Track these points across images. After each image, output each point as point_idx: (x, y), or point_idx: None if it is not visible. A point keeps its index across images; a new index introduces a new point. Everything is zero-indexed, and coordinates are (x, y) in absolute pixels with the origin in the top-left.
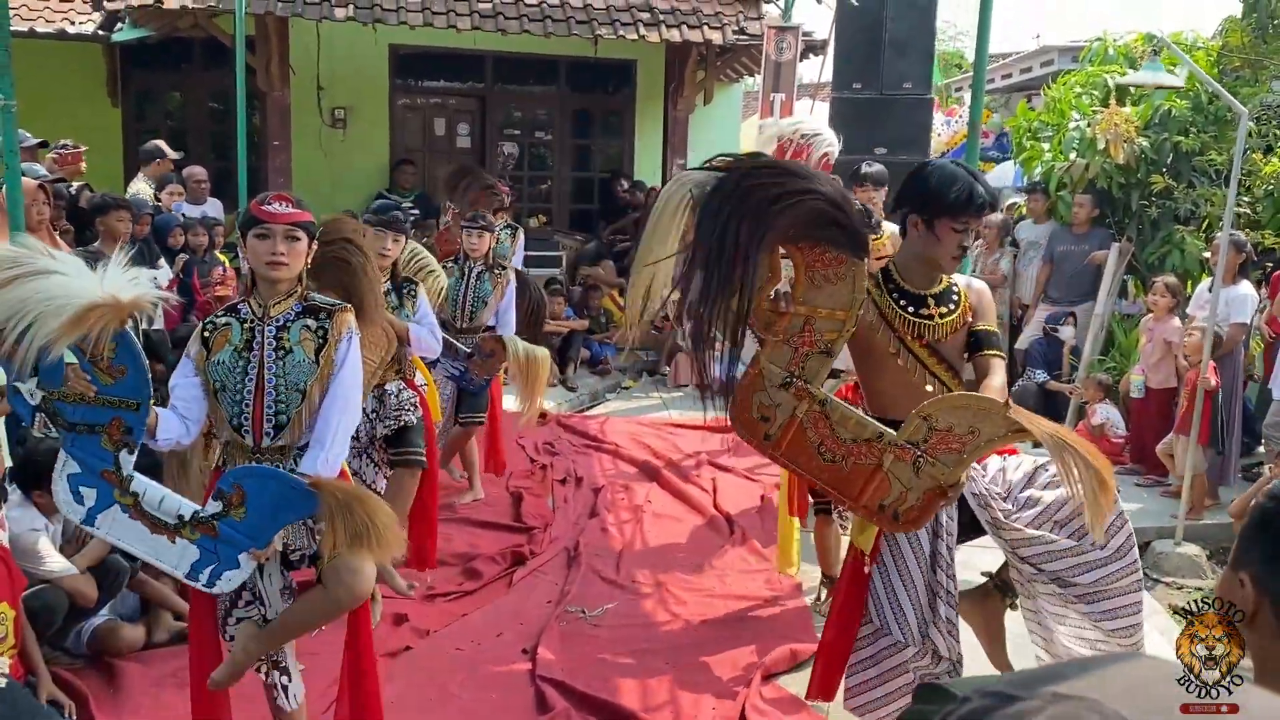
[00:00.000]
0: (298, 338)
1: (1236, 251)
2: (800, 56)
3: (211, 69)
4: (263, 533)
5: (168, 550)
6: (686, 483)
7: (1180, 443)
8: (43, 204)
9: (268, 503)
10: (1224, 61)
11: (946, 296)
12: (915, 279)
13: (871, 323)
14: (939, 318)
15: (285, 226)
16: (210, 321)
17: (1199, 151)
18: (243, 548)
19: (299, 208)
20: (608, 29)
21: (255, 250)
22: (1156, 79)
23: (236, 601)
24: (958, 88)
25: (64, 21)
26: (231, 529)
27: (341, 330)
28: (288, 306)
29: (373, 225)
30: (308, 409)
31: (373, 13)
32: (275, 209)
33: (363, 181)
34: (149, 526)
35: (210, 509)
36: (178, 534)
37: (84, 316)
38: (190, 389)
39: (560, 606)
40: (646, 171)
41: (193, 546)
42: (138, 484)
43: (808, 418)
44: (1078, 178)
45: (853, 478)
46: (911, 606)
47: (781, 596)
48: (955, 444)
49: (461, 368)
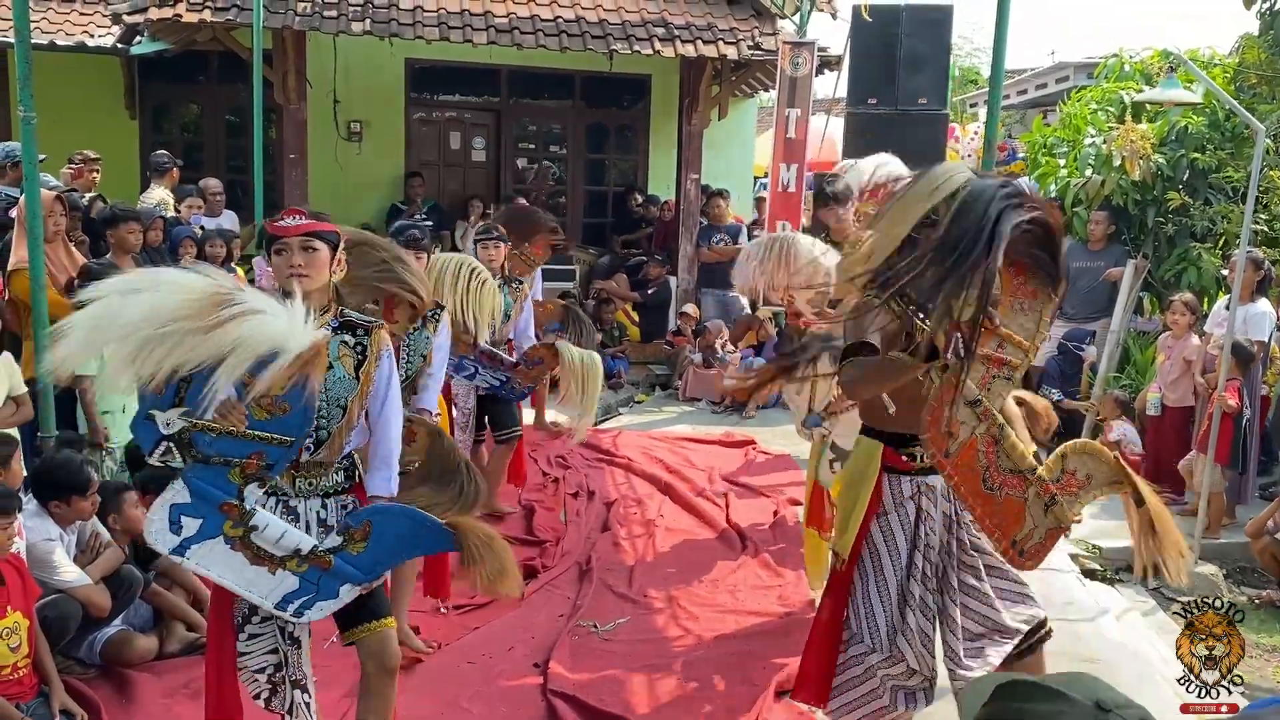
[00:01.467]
0: (336, 354)
1: (1254, 269)
2: (815, 72)
3: (228, 82)
4: (378, 567)
5: (263, 581)
6: (699, 497)
7: (1200, 461)
8: (60, 215)
9: (391, 540)
10: (1241, 78)
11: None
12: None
13: (897, 335)
14: None
15: (299, 238)
16: None
17: (1216, 168)
18: (352, 581)
19: (314, 219)
20: (623, 44)
21: (276, 267)
22: (1173, 95)
23: (250, 617)
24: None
25: (84, 35)
26: (346, 563)
27: (379, 348)
28: (324, 323)
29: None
30: (347, 425)
31: (389, 27)
32: (287, 223)
33: (378, 194)
34: (250, 558)
35: (330, 543)
36: (282, 566)
37: (294, 365)
38: None
39: (572, 620)
40: (660, 186)
41: (293, 578)
42: (259, 518)
43: (983, 440)
44: (1093, 194)
45: (1003, 510)
46: (883, 612)
47: (794, 613)
48: (1075, 487)
49: (504, 377)
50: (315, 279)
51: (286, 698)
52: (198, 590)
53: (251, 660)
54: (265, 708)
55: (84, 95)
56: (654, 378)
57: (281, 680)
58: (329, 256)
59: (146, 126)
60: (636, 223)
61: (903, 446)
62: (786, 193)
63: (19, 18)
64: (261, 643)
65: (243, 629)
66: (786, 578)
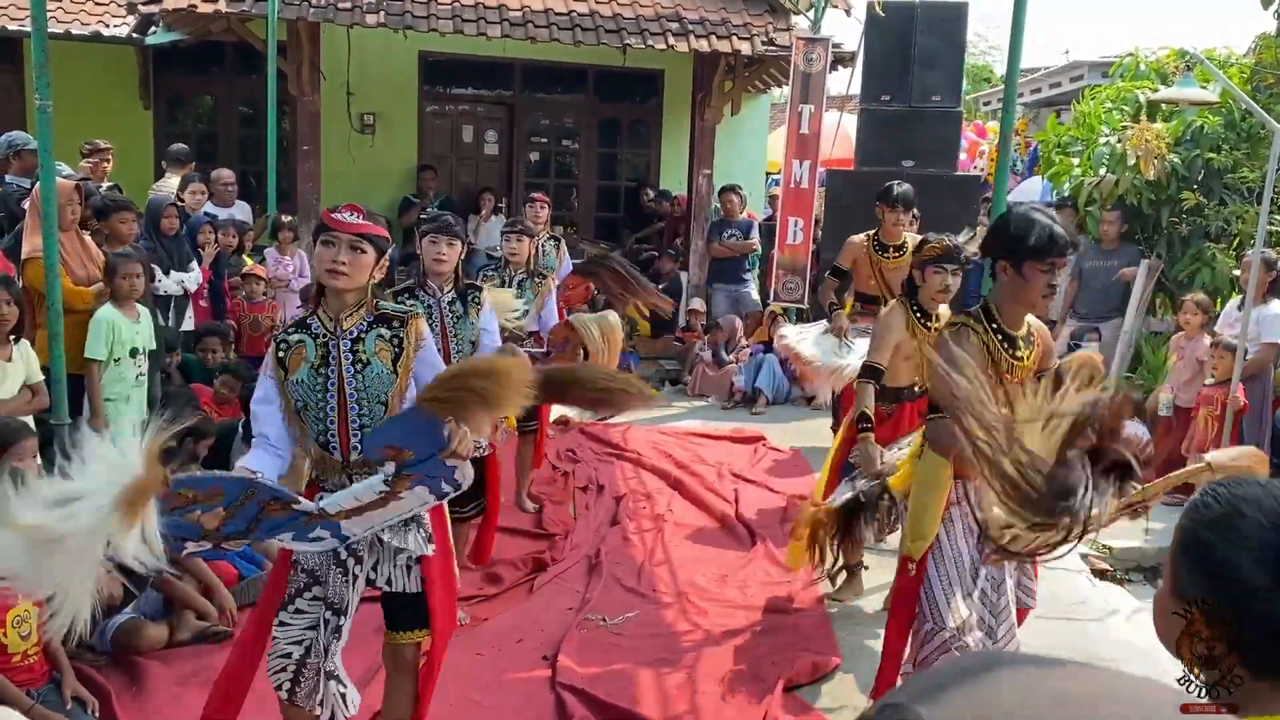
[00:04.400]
0: (373, 349)
1: (1267, 270)
2: (829, 68)
3: (243, 74)
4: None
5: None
6: (708, 492)
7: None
8: (77, 204)
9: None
10: (1257, 78)
11: (1029, 339)
12: (1009, 320)
13: (984, 365)
14: (1026, 359)
15: (350, 236)
16: (283, 340)
17: (1231, 168)
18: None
19: (371, 220)
20: (636, 38)
21: (319, 257)
22: (1189, 94)
23: (301, 593)
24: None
25: (99, 24)
26: (416, 466)
27: (417, 337)
28: (359, 318)
29: (428, 233)
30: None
31: (403, 19)
32: (342, 218)
33: (390, 187)
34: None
35: (388, 471)
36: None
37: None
38: (274, 416)
39: (581, 614)
40: (672, 181)
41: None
42: (326, 501)
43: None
44: (1107, 193)
45: None
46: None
47: (803, 609)
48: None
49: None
50: (354, 279)
51: (317, 689)
52: (209, 580)
53: (287, 635)
54: (287, 698)
55: (98, 85)
56: (664, 373)
57: (306, 669)
58: (373, 261)
59: (160, 117)
60: (648, 218)
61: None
62: (799, 189)
63: (36, 6)
64: (304, 619)
65: (294, 600)
66: (796, 573)
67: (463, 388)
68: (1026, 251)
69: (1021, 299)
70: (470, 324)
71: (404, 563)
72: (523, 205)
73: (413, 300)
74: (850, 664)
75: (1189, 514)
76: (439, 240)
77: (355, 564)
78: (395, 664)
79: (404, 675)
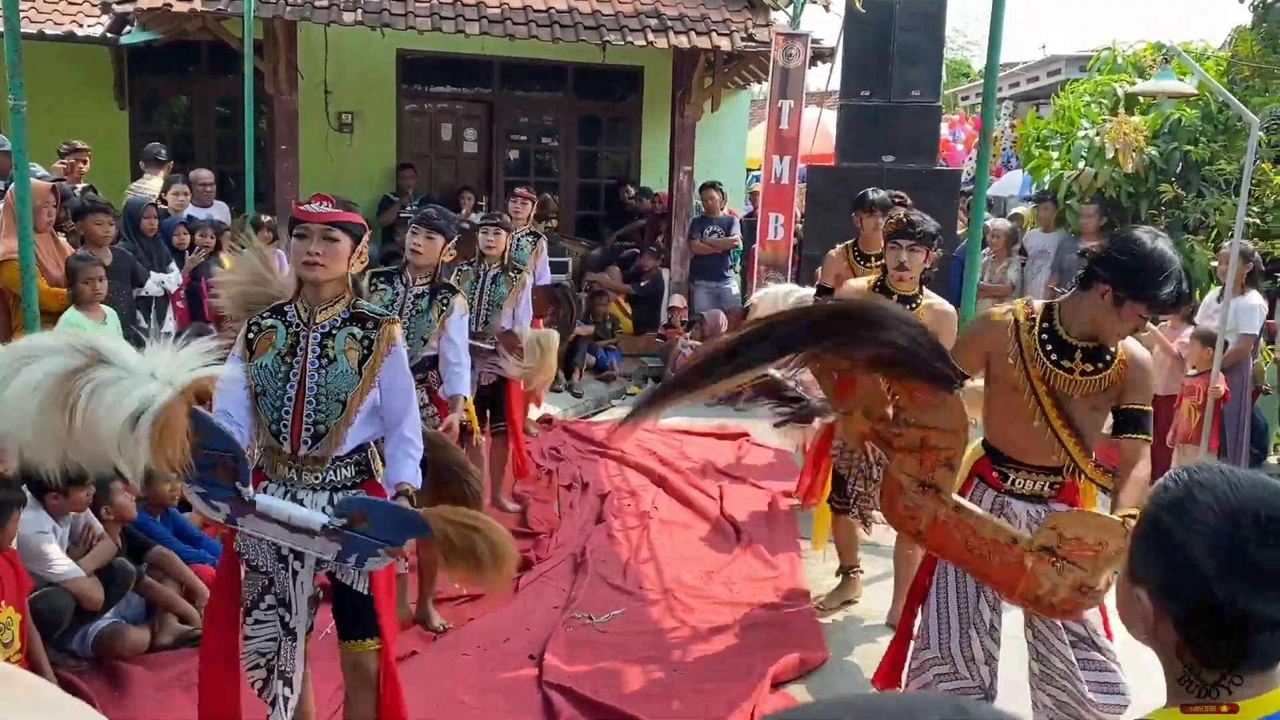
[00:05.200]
0: (342, 346)
1: (1244, 261)
2: (808, 63)
3: (219, 73)
4: (395, 539)
5: (314, 544)
6: (693, 489)
7: (1186, 453)
8: (53, 205)
9: (390, 521)
10: (1234, 71)
11: (1099, 355)
12: (1073, 329)
13: (1010, 354)
14: (1079, 374)
15: (322, 226)
16: (255, 322)
17: (1208, 161)
18: (378, 547)
19: (343, 208)
20: (615, 35)
21: (294, 250)
22: (1167, 87)
23: (258, 602)
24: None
25: (72, 24)
26: (363, 535)
27: (389, 343)
28: (334, 313)
29: (410, 223)
30: (345, 422)
31: (381, 17)
32: (312, 208)
33: (369, 186)
34: (288, 528)
35: (337, 522)
36: (314, 537)
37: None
38: (237, 394)
39: (567, 613)
40: (653, 178)
41: (332, 544)
42: (263, 500)
43: (949, 519)
44: (1086, 186)
45: (1003, 572)
46: (947, 624)
47: (789, 605)
48: (1089, 550)
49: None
50: (331, 269)
51: (273, 689)
52: (190, 582)
53: (254, 644)
54: (258, 695)
55: (73, 85)
56: (646, 370)
57: (274, 669)
58: (349, 249)
59: (136, 117)
60: (629, 215)
61: (999, 463)
62: (779, 185)
63: (8, 5)
64: (265, 629)
65: (250, 613)
66: (781, 569)
67: (471, 549)
68: (1146, 298)
69: (1102, 328)
70: (429, 321)
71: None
72: (504, 203)
73: (385, 284)
74: (838, 659)
75: (1152, 498)
76: (418, 231)
77: (295, 560)
78: (355, 674)
79: (364, 685)
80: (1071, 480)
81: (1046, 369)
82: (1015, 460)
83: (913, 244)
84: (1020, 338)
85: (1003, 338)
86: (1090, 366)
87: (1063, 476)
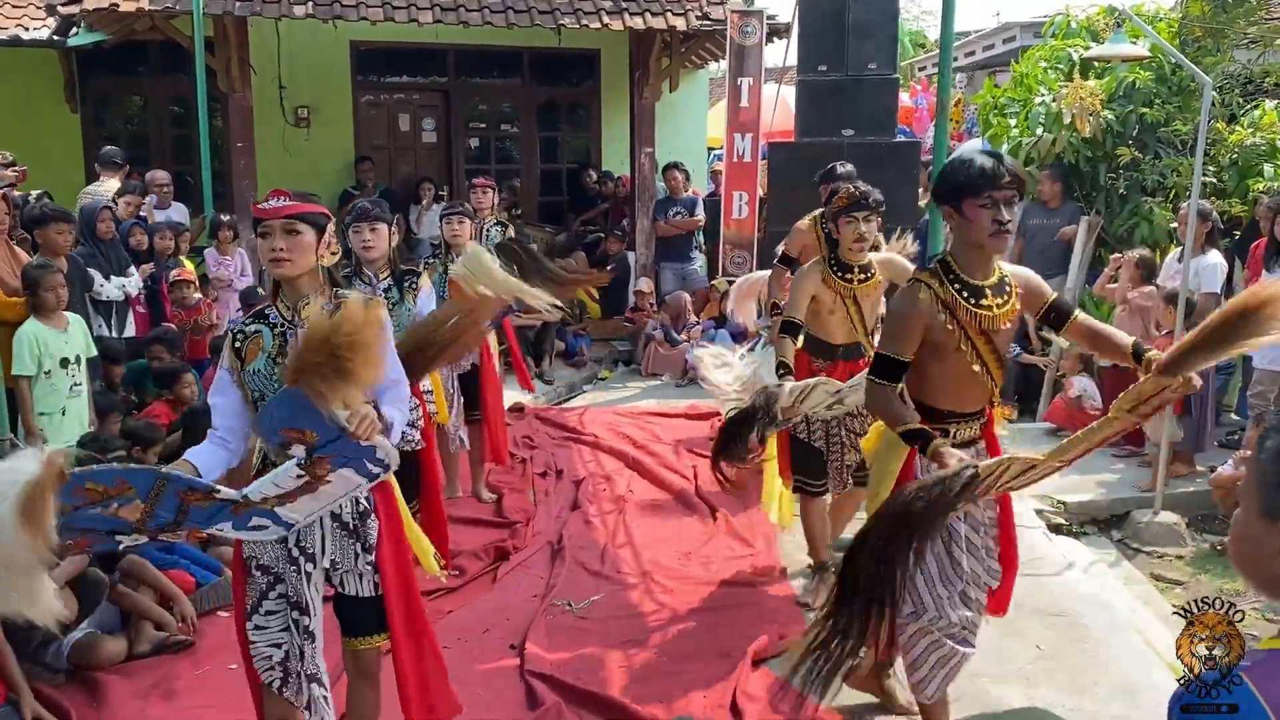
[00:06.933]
0: None
1: (1203, 221)
2: (765, 40)
3: (171, 72)
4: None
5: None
6: (667, 470)
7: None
8: (4, 215)
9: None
10: (1185, 32)
11: (1001, 288)
12: (971, 270)
13: (937, 315)
14: (996, 308)
15: (282, 221)
16: (240, 330)
17: (1164, 122)
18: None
19: (301, 200)
20: (570, 19)
21: (260, 250)
22: (1120, 51)
23: (260, 602)
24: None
25: (18, 28)
26: (326, 448)
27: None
28: (317, 307)
29: (349, 224)
30: None
31: (332, 9)
32: (269, 204)
33: (329, 180)
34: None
35: (300, 452)
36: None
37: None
38: (230, 407)
39: (546, 600)
40: (614, 162)
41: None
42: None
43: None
44: (1045, 153)
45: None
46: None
47: (767, 582)
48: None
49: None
50: (299, 264)
51: (303, 691)
52: (165, 589)
53: (265, 638)
54: (278, 694)
55: (22, 90)
56: (616, 354)
57: (290, 671)
58: (315, 240)
59: (89, 120)
60: (592, 200)
61: (940, 422)
62: (741, 162)
63: None
64: (272, 626)
65: (259, 606)
66: (757, 546)
67: (308, 362)
68: (963, 189)
69: (971, 242)
70: (407, 309)
71: (359, 568)
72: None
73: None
74: None
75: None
76: (361, 228)
77: (307, 562)
78: (357, 670)
79: (366, 682)
80: (989, 411)
81: (974, 314)
82: (955, 413)
83: (867, 214)
84: (940, 295)
85: (928, 309)
86: (1000, 300)
87: (984, 413)
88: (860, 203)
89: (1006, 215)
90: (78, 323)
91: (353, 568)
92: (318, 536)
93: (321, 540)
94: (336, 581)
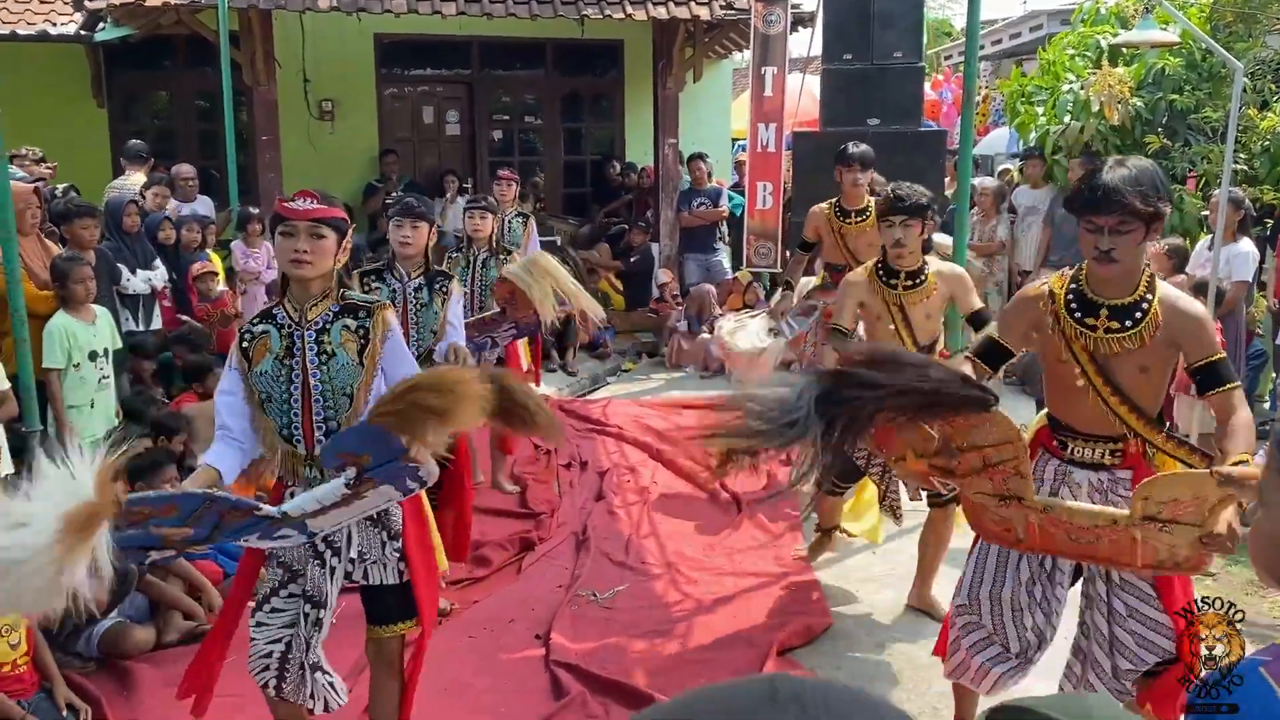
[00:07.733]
0: (339, 339)
1: (1235, 209)
2: (789, 29)
3: (196, 66)
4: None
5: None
6: (692, 462)
7: (1184, 400)
8: (36, 207)
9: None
10: (1216, 17)
11: (1129, 312)
12: (1096, 283)
13: (1045, 316)
14: (1102, 330)
15: (308, 223)
16: (247, 331)
17: (1194, 109)
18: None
19: (327, 203)
20: (594, 9)
21: (280, 249)
22: (1150, 37)
23: (278, 591)
24: (947, 56)
25: (45, 23)
26: (376, 470)
27: (383, 329)
28: (324, 308)
29: (392, 217)
30: (354, 414)
31: (356, 1)
32: (297, 205)
33: (353, 173)
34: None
35: (350, 474)
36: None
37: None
38: (237, 407)
39: (571, 591)
40: (638, 153)
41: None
42: (289, 506)
43: (1041, 521)
44: (1073, 141)
45: (1116, 550)
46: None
47: (792, 572)
48: (1190, 508)
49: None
50: (319, 266)
51: (305, 682)
52: (194, 579)
53: (265, 634)
54: (275, 694)
55: (50, 85)
56: (640, 345)
57: (289, 665)
58: (335, 244)
59: (116, 115)
60: (615, 191)
61: (1058, 432)
62: (765, 152)
63: None
64: (282, 616)
65: (270, 599)
66: (782, 537)
67: (414, 404)
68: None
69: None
70: (434, 313)
71: (384, 557)
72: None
73: (379, 283)
74: (841, 624)
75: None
76: (403, 223)
77: (333, 556)
78: (380, 658)
79: (389, 670)
80: (1136, 448)
81: (1074, 329)
82: (1072, 429)
83: (904, 219)
84: (1055, 305)
85: (1038, 310)
86: (1117, 324)
87: (1122, 444)
88: (893, 207)
89: (1106, 244)
90: (105, 316)
91: (379, 556)
92: (344, 529)
93: (348, 533)
94: (359, 575)
